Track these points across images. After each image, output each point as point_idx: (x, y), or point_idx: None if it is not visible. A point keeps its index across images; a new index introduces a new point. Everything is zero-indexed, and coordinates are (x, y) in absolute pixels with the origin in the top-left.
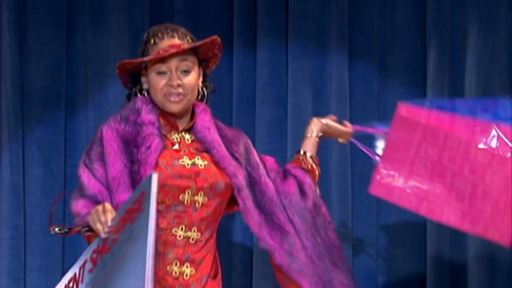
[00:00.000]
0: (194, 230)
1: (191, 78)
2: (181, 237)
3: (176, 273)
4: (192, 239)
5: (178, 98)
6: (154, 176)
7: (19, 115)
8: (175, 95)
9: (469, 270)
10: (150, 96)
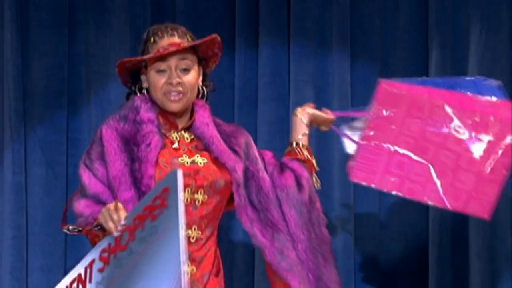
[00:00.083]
0: (195, 229)
1: (191, 77)
2: None
3: None
4: (193, 238)
5: (178, 97)
6: (179, 172)
7: (21, 115)
8: (175, 94)
9: (471, 269)
10: (150, 95)
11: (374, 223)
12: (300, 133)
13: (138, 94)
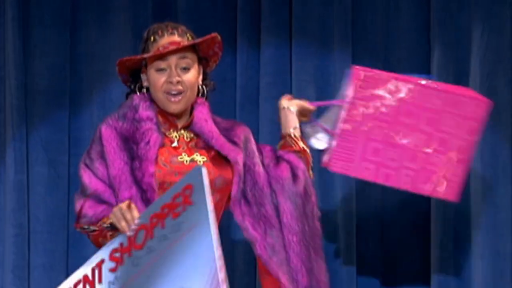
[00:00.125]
0: None
1: (191, 76)
2: None
3: None
4: None
5: (178, 98)
6: (204, 169)
7: (23, 114)
8: (175, 95)
9: (473, 268)
10: (150, 94)
11: (376, 222)
12: (292, 126)
13: (138, 94)
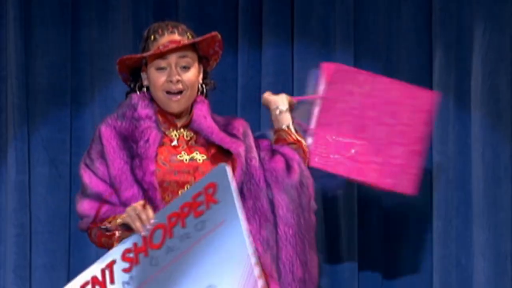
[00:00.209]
0: None
1: (191, 75)
2: None
3: None
4: None
5: (178, 97)
6: (227, 168)
7: (24, 113)
8: (175, 94)
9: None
10: (150, 93)
11: (377, 222)
12: (285, 118)
13: (138, 93)
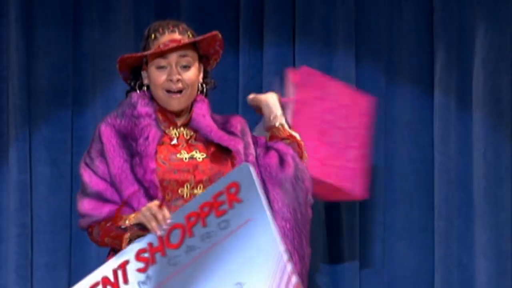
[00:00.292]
0: None
1: (191, 74)
2: None
3: None
4: None
5: (178, 96)
6: (251, 167)
7: (26, 113)
8: (175, 93)
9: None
10: (150, 92)
11: (378, 221)
12: (278, 122)
13: (138, 91)
